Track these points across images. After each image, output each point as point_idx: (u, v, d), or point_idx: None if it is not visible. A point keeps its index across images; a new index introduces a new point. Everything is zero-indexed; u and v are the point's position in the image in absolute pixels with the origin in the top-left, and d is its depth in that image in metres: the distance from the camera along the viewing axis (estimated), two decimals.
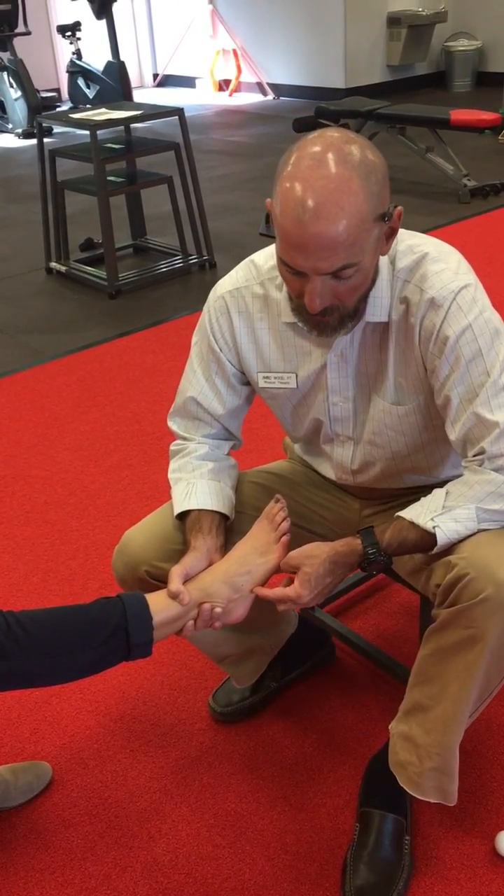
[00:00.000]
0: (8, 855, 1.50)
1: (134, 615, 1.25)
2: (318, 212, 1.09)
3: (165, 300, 3.98)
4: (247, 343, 1.39)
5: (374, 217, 1.13)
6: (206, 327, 1.41)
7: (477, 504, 1.21)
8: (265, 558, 1.35)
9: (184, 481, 1.43)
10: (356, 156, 1.11)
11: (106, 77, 7.82)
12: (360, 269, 1.16)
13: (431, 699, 1.29)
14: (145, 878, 1.44)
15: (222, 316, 1.39)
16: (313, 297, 1.16)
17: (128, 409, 3.00)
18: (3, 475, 2.65)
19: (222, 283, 1.41)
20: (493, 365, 1.22)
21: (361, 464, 1.43)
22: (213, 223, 4.77)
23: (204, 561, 1.34)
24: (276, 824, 1.52)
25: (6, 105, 7.96)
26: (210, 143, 7.19)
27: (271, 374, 1.40)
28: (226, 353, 1.41)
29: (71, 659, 1.22)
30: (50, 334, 3.70)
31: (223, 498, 1.42)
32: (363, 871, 1.38)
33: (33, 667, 1.20)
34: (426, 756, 1.31)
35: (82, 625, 1.24)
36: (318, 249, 1.11)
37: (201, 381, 1.44)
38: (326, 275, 1.14)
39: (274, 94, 8.96)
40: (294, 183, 1.11)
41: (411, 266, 1.26)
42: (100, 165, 3.85)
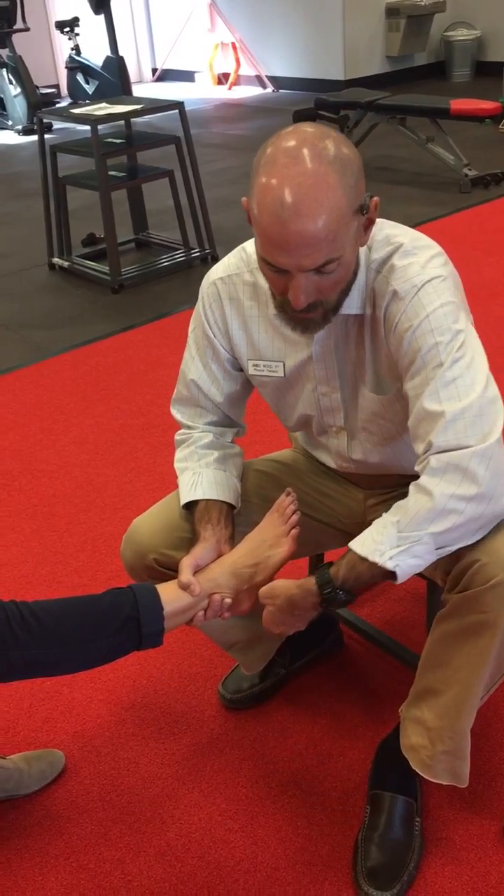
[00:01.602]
0: (23, 841, 1.52)
1: (145, 605, 1.27)
2: (297, 209, 1.09)
3: (168, 294, 3.99)
4: (238, 330, 1.40)
5: (353, 210, 1.13)
6: (201, 314, 1.42)
7: (428, 530, 1.15)
8: (274, 551, 1.36)
9: (190, 471, 1.44)
10: (331, 150, 1.11)
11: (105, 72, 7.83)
12: (342, 262, 1.15)
13: (443, 683, 1.30)
14: (158, 863, 1.46)
15: (215, 302, 1.40)
16: (298, 293, 1.15)
17: (133, 403, 3.01)
18: (10, 469, 2.66)
19: (215, 269, 1.42)
20: (446, 358, 1.17)
21: (359, 451, 1.44)
22: (215, 217, 4.78)
23: (213, 552, 1.35)
24: (288, 808, 1.54)
25: (6, 102, 7.96)
26: (210, 136, 7.18)
27: (260, 362, 1.40)
28: (219, 339, 1.42)
29: (83, 648, 1.24)
30: (54, 329, 3.72)
31: (229, 488, 1.43)
32: (374, 852, 1.40)
33: (46, 656, 1.22)
34: (438, 739, 1.33)
35: (94, 615, 1.25)
36: (300, 247, 1.11)
37: (199, 366, 1.45)
38: (310, 271, 1.14)
39: (273, 86, 8.95)
40: (271, 181, 1.10)
41: (384, 258, 1.25)
42: (101, 160, 3.86)
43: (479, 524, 1.17)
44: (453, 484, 1.14)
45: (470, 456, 1.14)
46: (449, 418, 1.15)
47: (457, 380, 1.16)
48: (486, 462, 1.14)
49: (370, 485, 1.52)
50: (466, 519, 1.15)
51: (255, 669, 1.69)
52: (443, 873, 1.41)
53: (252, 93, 8.98)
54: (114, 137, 4.26)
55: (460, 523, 1.15)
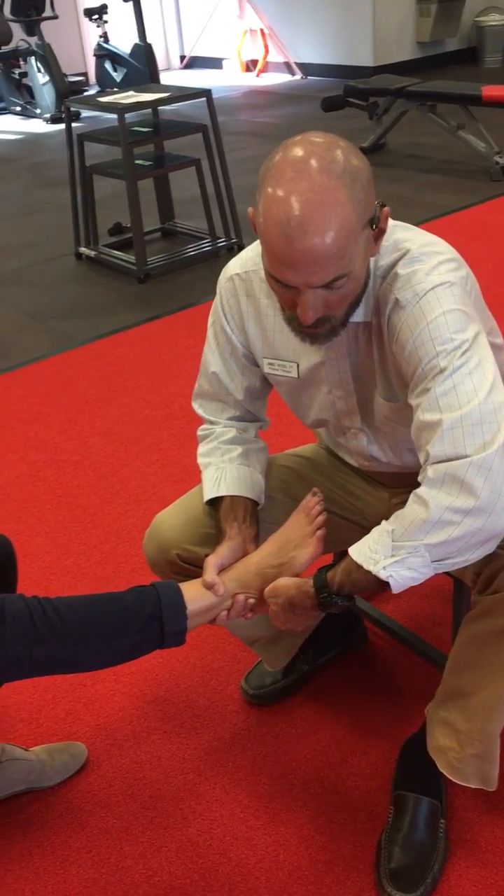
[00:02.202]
0: (45, 834, 1.52)
1: (168, 604, 1.26)
2: (304, 226, 1.05)
3: (194, 284, 3.97)
4: (253, 327, 1.37)
5: (362, 224, 1.09)
6: (219, 308, 1.40)
7: (423, 541, 1.10)
8: (300, 551, 1.34)
9: (213, 466, 1.43)
10: (340, 163, 1.07)
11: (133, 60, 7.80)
12: (352, 277, 1.12)
13: (472, 685, 1.28)
14: (180, 858, 1.46)
15: (231, 298, 1.38)
16: (306, 309, 1.12)
17: (157, 394, 3.00)
18: (35, 460, 2.66)
19: (232, 263, 1.39)
20: (447, 365, 1.11)
21: (379, 451, 1.41)
22: (242, 205, 4.74)
23: (238, 551, 1.34)
24: (310, 806, 1.52)
25: (34, 90, 7.97)
26: (238, 124, 7.14)
27: (275, 361, 1.38)
28: (236, 335, 1.40)
29: (105, 646, 1.23)
30: (79, 319, 3.71)
31: (253, 484, 1.42)
32: (398, 853, 1.38)
33: (68, 653, 1.21)
34: (467, 742, 1.31)
35: (117, 613, 1.24)
36: (308, 265, 1.07)
37: (219, 361, 1.43)
38: (318, 287, 1.11)
39: (302, 73, 8.87)
40: (277, 193, 1.06)
41: (389, 265, 1.20)
42: (128, 149, 3.84)
43: (479, 539, 1.09)
44: (451, 495, 1.08)
45: (467, 466, 1.07)
46: (446, 427, 1.09)
47: (457, 387, 1.10)
48: (485, 473, 1.06)
49: (395, 483, 1.50)
50: (463, 532, 1.08)
51: (278, 666, 1.68)
52: (467, 876, 1.39)
53: (280, 80, 8.91)
54: (141, 126, 4.24)
55: (456, 536, 1.08)
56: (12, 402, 3.04)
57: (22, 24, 7.59)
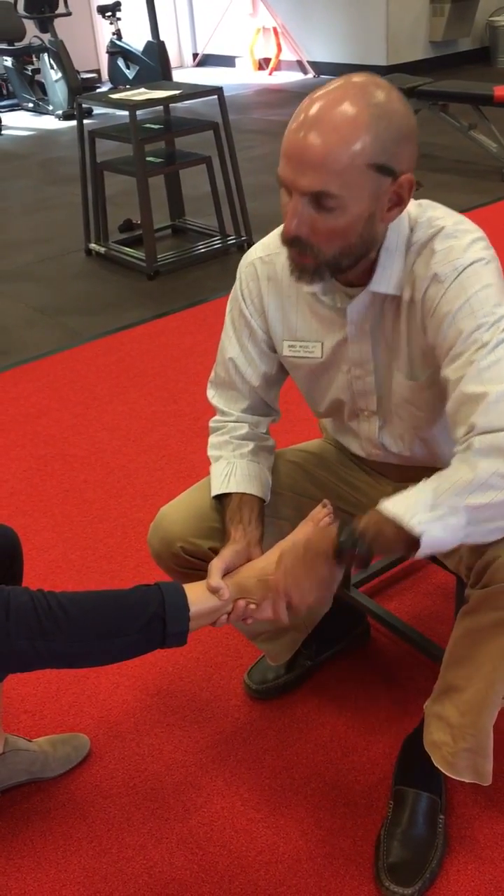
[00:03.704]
0: (47, 824, 1.53)
1: (172, 605, 1.26)
2: (313, 124, 1.08)
3: (204, 281, 3.98)
4: (274, 309, 1.39)
5: (373, 161, 1.09)
6: (238, 293, 1.42)
7: (465, 501, 1.09)
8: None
9: (224, 460, 1.43)
10: (378, 98, 1.09)
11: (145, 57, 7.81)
12: (343, 209, 1.12)
13: (465, 680, 1.28)
14: (180, 850, 1.47)
15: (252, 282, 1.39)
16: (291, 216, 1.13)
17: (165, 390, 3.01)
18: (43, 454, 2.68)
19: (254, 248, 1.41)
20: (489, 339, 1.13)
21: (389, 437, 1.42)
22: (252, 203, 4.75)
23: (243, 555, 1.33)
24: (310, 800, 1.53)
25: (47, 87, 7.99)
26: (250, 122, 7.14)
27: (296, 343, 1.39)
28: (255, 319, 1.41)
29: (107, 644, 1.24)
30: (89, 315, 3.73)
31: (261, 481, 1.42)
32: (396, 848, 1.39)
33: (71, 649, 1.22)
34: (460, 736, 1.31)
35: (121, 611, 1.25)
36: (302, 162, 1.10)
37: (236, 347, 1.44)
38: (306, 196, 1.12)
39: (314, 72, 8.87)
40: (307, 98, 1.12)
41: (424, 240, 1.22)
42: (139, 146, 3.85)
43: None
44: (497, 463, 1.09)
45: None
46: (492, 399, 1.10)
47: (501, 361, 1.12)
48: None
49: (400, 477, 1.50)
50: None
51: (281, 660, 1.68)
52: (465, 871, 1.39)
53: (293, 78, 8.91)
54: (152, 123, 4.26)
55: (499, 501, 1.09)
56: (21, 396, 3.06)
57: (35, 20, 7.62)
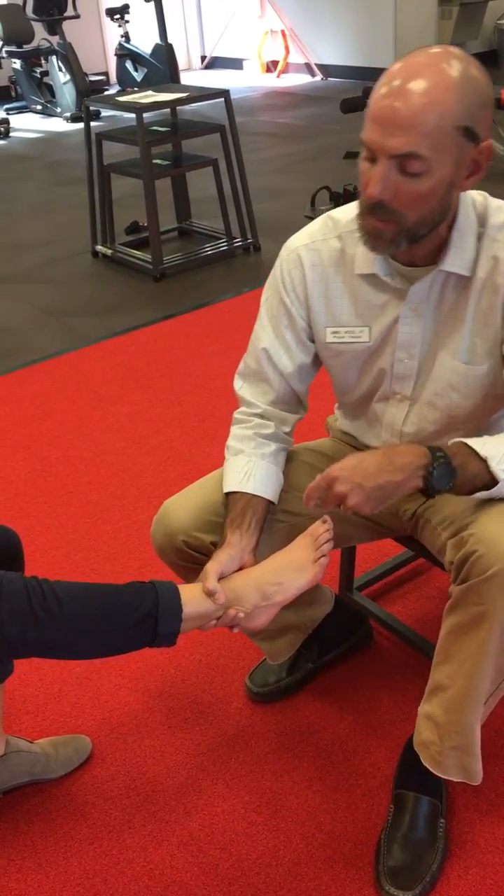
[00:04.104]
0: (48, 825, 1.53)
1: (165, 605, 1.26)
2: (403, 87, 1.09)
3: (209, 283, 3.99)
4: (318, 297, 1.38)
5: (459, 123, 1.11)
6: (278, 281, 1.41)
7: None
8: (299, 574, 1.33)
9: (245, 456, 1.42)
10: (462, 64, 1.11)
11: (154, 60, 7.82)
12: (430, 172, 1.12)
13: (449, 678, 1.29)
14: (181, 852, 1.47)
15: (295, 269, 1.38)
16: (376, 181, 1.14)
17: (170, 392, 3.02)
18: (47, 455, 2.69)
19: (297, 237, 1.40)
20: None
21: (413, 426, 1.41)
22: (259, 206, 4.76)
23: (237, 560, 1.34)
24: (311, 803, 1.53)
25: (55, 89, 8.01)
26: (257, 125, 7.15)
27: (341, 329, 1.38)
28: (296, 307, 1.40)
29: (98, 637, 1.24)
30: (95, 317, 3.74)
31: (277, 485, 1.43)
32: (397, 852, 1.39)
33: (62, 639, 1.21)
34: (446, 735, 1.32)
35: (115, 606, 1.25)
36: (392, 124, 1.10)
37: (271, 335, 1.42)
38: (394, 159, 1.12)
39: (322, 74, 8.87)
40: (395, 64, 1.13)
41: (501, 223, 1.24)
42: (145, 148, 3.86)
43: None
44: None
45: None
46: None
47: None
48: None
49: None
50: None
51: (279, 659, 1.68)
52: (466, 876, 1.39)
53: (300, 81, 8.92)
54: (160, 125, 4.26)
55: None
56: (27, 397, 3.07)
57: (44, 23, 7.64)
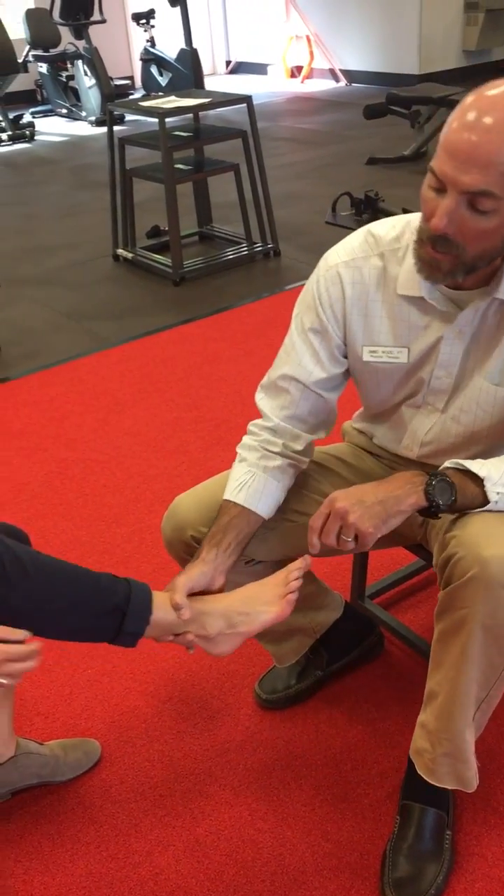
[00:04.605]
0: (56, 827, 1.54)
1: (136, 603, 1.26)
2: (481, 121, 1.07)
3: (229, 288, 4.00)
4: (357, 315, 1.37)
5: None
6: (315, 296, 1.38)
7: None
8: (266, 608, 1.34)
9: (246, 465, 1.42)
10: None
11: (179, 65, 7.86)
12: (499, 210, 1.11)
13: (439, 685, 1.29)
14: (187, 857, 1.47)
15: (333, 286, 1.37)
16: (442, 214, 1.13)
17: (187, 396, 3.03)
18: (64, 458, 2.70)
19: (336, 252, 1.38)
20: None
21: (434, 436, 1.42)
22: (279, 211, 4.76)
23: (208, 577, 1.34)
24: (318, 812, 1.53)
25: (80, 93, 8.07)
26: (280, 130, 7.16)
27: (378, 349, 1.37)
28: (331, 324, 1.38)
29: (61, 616, 1.23)
30: (114, 320, 3.76)
31: (273, 501, 1.42)
32: (402, 863, 1.38)
33: (24, 605, 1.20)
34: (437, 742, 1.32)
35: (86, 590, 1.24)
36: (467, 159, 1.08)
37: (302, 350, 1.39)
38: (465, 195, 1.11)
39: (346, 80, 8.88)
40: (471, 96, 1.11)
41: None
42: (167, 153, 3.88)
43: None
44: None
45: None
46: None
47: None
48: None
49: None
50: None
51: (287, 662, 1.69)
52: (472, 889, 1.38)
53: (324, 86, 8.92)
54: (182, 130, 4.28)
55: None
56: (45, 400, 3.09)
57: (70, 27, 7.71)
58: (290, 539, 1.50)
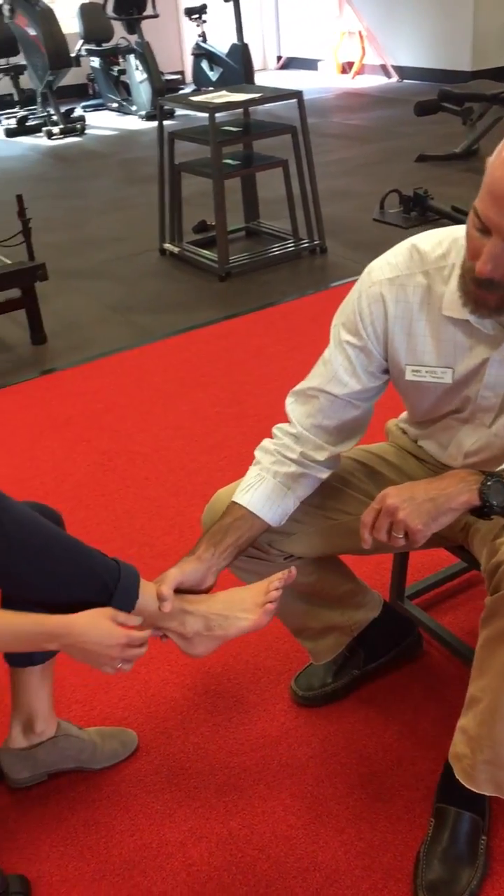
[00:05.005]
0: (91, 814, 1.56)
1: (124, 586, 1.29)
2: None
3: (274, 284, 3.99)
4: (400, 334, 1.34)
5: None
6: (356, 312, 1.35)
7: None
8: (244, 615, 1.36)
9: (258, 468, 1.43)
10: None
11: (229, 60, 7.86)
12: None
13: (482, 691, 1.28)
14: (220, 849, 1.48)
15: (376, 304, 1.33)
16: (487, 259, 1.12)
17: (230, 391, 3.03)
18: (107, 449, 2.73)
19: (380, 268, 1.34)
20: None
21: (479, 448, 1.41)
22: (327, 208, 4.73)
23: (200, 575, 1.36)
24: (352, 811, 1.52)
25: (131, 87, 8.12)
26: (329, 126, 7.13)
27: (422, 368, 1.35)
28: (372, 341, 1.35)
29: (50, 582, 1.28)
30: (159, 314, 3.78)
31: (280, 508, 1.41)
32: (436, 866, 1.37)
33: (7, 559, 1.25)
34: (478, 748, 1.30)
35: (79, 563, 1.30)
36: None
37: (337, 362, 1.37)
38: None
39: (398, 76, 8.80)
40: None
41: None
42: (216, 148, 3.88)
43: None
44: None
45: None
46: None
47: None
48: None
49: None
50: None
51: (323, 660, 1.69)
52: None
53: (375, 82, 8.86)
54: (232, 125, 4.29)
55: None
56: (89, 391, 3.12)
57: (123, 21, 7.75)
58: (330, 537, 1.50)
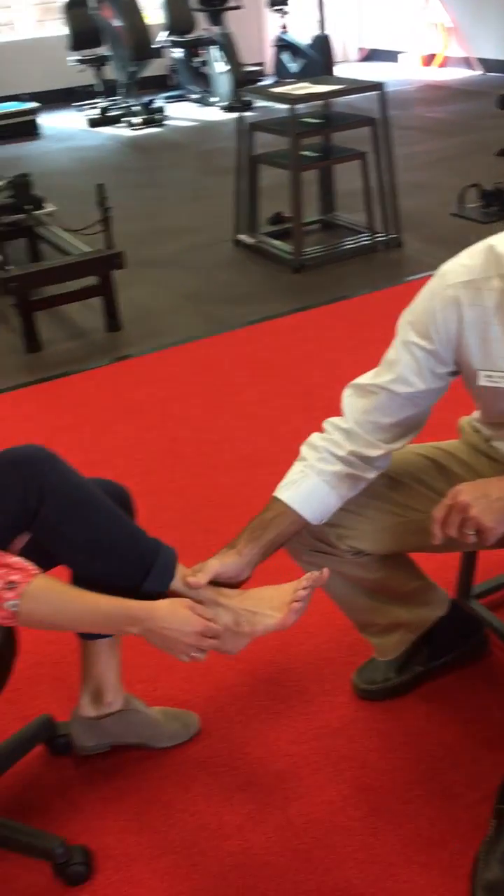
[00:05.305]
0: (153, 792, 1.59)
1: (163, 562, 1.36)
2: None
3: (348, 277, 3.97)
4: (474, 339, 1.31)
5: None
6: (427, 313, 1.33)
7: None
8: (272, 613, 1.36)
9: (302, 464, 1.44)
10: None
11: (311, 51, 7.83)
12: None
13: None
14: (277, 836, 1.49)
15: (450, 307, 1.31)
16: None
17: (300, 383, 3.03)
18: (177, 436, 2.76)
19: (454, 270, 1.32)
20: None
21: None
22: (404, 201, 4.68)
23: (238, 569, 1.39)
24: (412, 807, 1.52)
25: (212, 79, 8.15)
26: (409, 118, 7.04)
27: (495, 374, 1.32)
28: (442, 345, 1.33)
29: (92, 536, 1.34)
30: (232, 304, 3.80)
31: (320, 507, 1.41)
32: (495, 866, 1.36)
33: (56, 517, 1.32)
34: None
35: (122, 530, 1.37)
36: None
37: (403, 361, 1.36)
38: None
39: (482, 69, 8.63)
40: None
41: None
42: (295, 140, 3.88)
43: None
44: None
45: None
46: None
47: None
48: None
49: None
50: None
51: (388, 656, 1.68)
52: None
53: (458, 75, 8.70)
54: (312, 117, 4.27)
55: None
56: (161, 379, 3.16)
57: (207, 13, 7.78)
58: (399, 534, 1.50)
